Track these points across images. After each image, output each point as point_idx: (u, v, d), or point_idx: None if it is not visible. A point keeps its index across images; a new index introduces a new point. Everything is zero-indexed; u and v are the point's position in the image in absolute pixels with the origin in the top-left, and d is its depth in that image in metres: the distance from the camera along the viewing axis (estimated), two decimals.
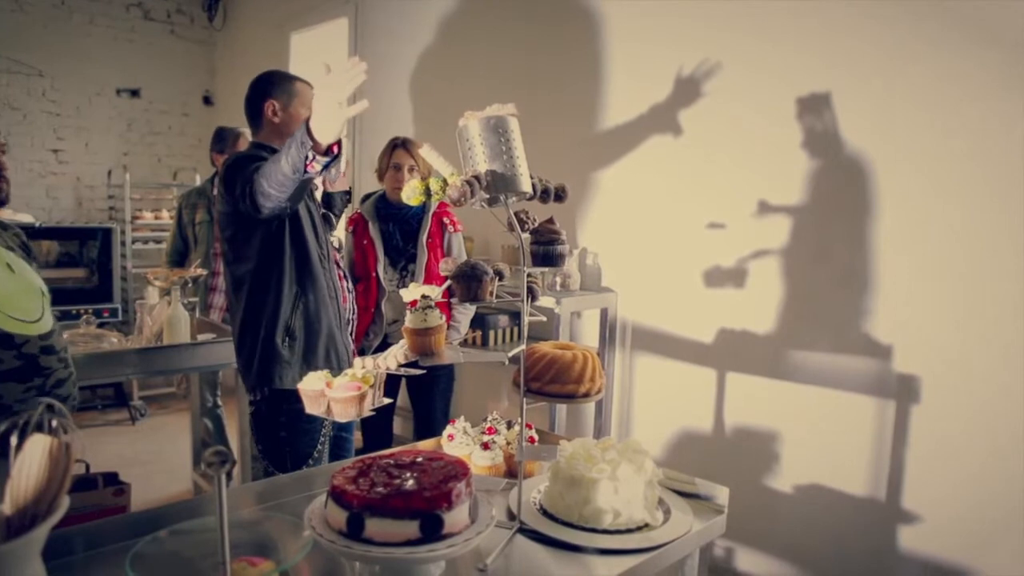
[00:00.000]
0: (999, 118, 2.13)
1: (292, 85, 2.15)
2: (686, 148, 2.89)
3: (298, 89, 2.16)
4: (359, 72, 1.45)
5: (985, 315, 2.19)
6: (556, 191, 1.31)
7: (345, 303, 2.23)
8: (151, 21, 5.97)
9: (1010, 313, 2.14)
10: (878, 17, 2.35)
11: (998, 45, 2.12)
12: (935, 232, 2.28)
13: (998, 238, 2.16)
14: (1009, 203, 2.13)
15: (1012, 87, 2.10)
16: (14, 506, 0.83)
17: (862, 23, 2.39)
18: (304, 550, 0.93)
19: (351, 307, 2.32)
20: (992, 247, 2.17)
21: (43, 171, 5.57)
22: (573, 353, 1.29)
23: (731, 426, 2.82)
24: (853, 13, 2.41)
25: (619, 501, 1.32)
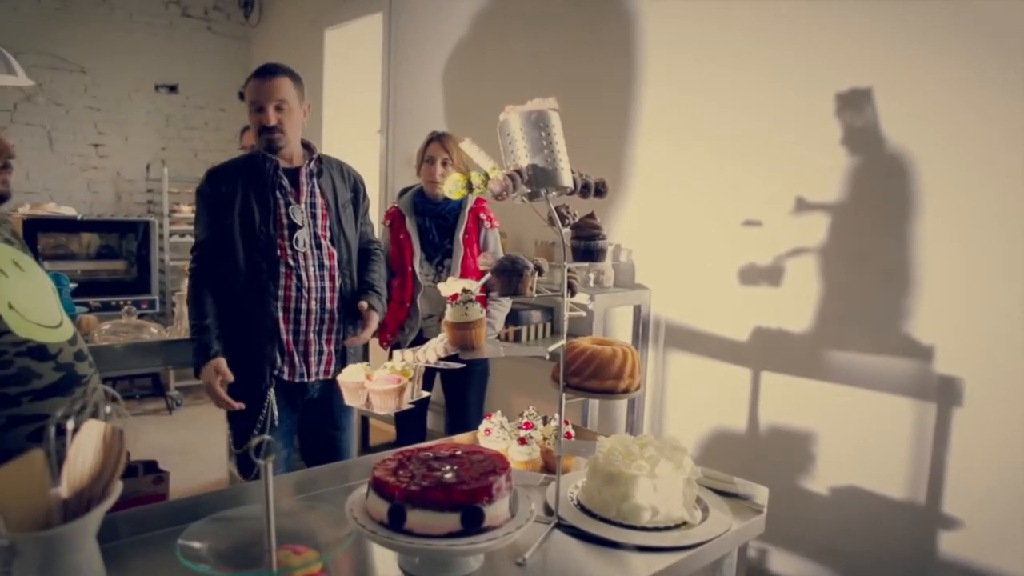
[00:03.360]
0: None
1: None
2: (722, 145, 2.86)
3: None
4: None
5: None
6: (596, 186, 1.31)
7: (330, 302, 2.25)
8: (188, 18, 6.05)
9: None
10: (919, 11, 2.31)
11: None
12: (980, 230, 2.23)
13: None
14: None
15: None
16: (71, 489, 0.85)
17: (903, 17, 2.34)
18: (347, 541, 0.94)
19: (332, 306, 2.26)
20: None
21: (84, 165, 5.69)
22: (612, 349, 1.29)
23: (765, 426, 2.79)
24: (894, 7, 2.36)
25: (658, 498, 1.31)
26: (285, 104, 2.16)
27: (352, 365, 1.37)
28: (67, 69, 5.51)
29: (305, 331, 2.21)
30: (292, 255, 2.18)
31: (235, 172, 2.23)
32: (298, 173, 2.23)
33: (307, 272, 2.20)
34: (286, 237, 2.17)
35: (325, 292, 2.23)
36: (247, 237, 2.15)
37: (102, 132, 5.75)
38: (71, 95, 5.55)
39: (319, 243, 2.23)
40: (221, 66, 6.21)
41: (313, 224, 2.22)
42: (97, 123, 5.72)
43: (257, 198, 2.17)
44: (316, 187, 2.26)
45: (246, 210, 2.16)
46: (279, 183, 2.20)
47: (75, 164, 5.63)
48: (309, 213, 2.22)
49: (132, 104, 5.84)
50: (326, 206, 2.26)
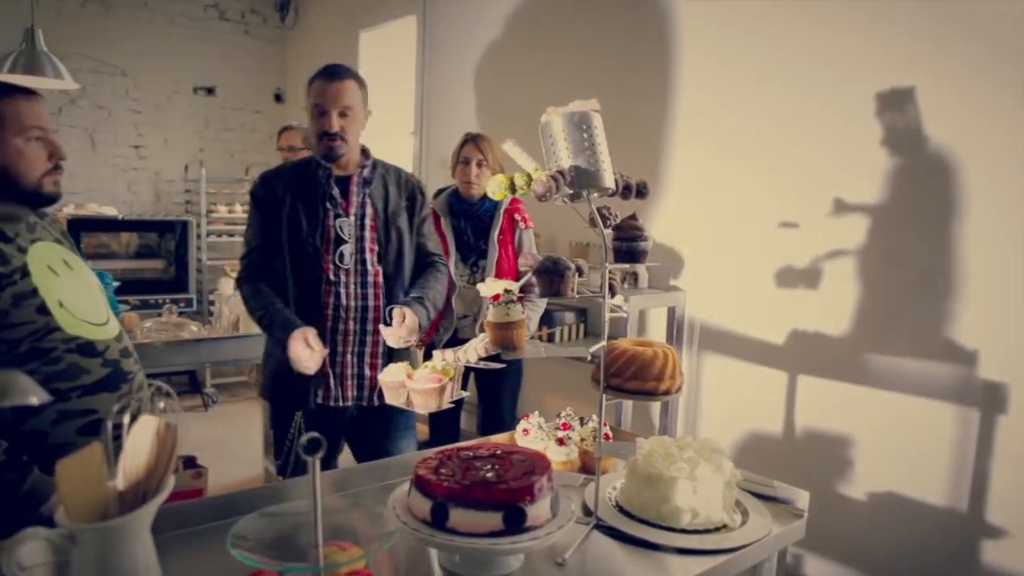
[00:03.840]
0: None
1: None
2: (758, 145, 2.83)
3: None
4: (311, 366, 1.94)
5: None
6: (638, 187, 1.30)
7: (373, 323, 2.08)
8: (226, 21, 6.15)
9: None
10: (962, 8, 2.26)
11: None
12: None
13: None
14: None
15: None
16: (127, 482, 0.88)
17: (946, 14, 2.30)
18: (391, 538, 0.95)
19: (375, 327, 2.08)
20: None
21: (125, 166, 5.81)
22: (653, 350, 1.29)
23: (802, 429, 2.76)
24: (936, 5, 2.32)
25: (697, 501, 1.31)
26: (350, 110, 2.03)
27: (393, 364, 1.38)
28: (109, 72, 5.63)
29: (342, 352, 2.06)
30: (334, 270, 2.04)
31: (287, 178, 2.11)
32: (349, 182, 2.09)
33: (347, 289, 2.05)
34: (331, 251, 2.04)
35: (367, 312, 2.07)
36: (293, 248, 2.04)
37: (142, 134, 5.87)
38: (113, 98, 5.68)
39: (364, 258, 2.07)
40: (257, 69, 6.31)
41: (360, 238, 2.07)
42: (137, 125, 5.84)
43: (306, 208, 2.05)
44: (367, 196, 2.10)
45: (293, 219, 2.05)
46: (329, 193, 2.06)
47: (116, 165, 5.76)
48: (357, 225, 2.07)
49: (171, 106, 5.95)
50: (375, 217, 2.10)
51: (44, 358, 1.59)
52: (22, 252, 1.61)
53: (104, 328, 1.73)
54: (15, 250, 1.59)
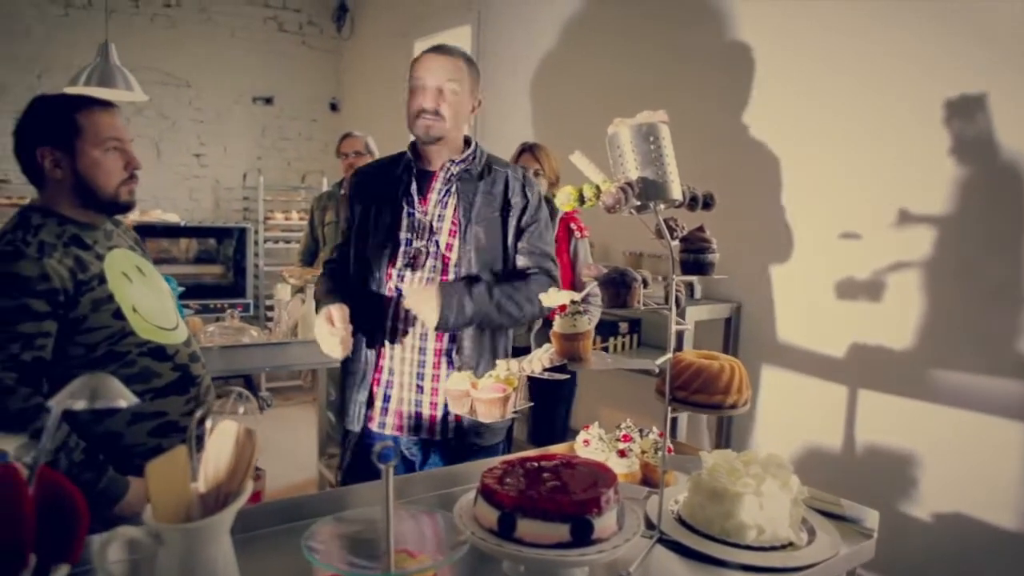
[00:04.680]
0: None
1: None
2: (818, 155, 2.78)
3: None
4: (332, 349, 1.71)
5: None
6: (704, 198, 1.30)
7: (436, 354, 1.82)
8: (285, 33, 6.31)
9: None
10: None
11: None
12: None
13: None
14: None
15: None
16: (207, 485, 0.90)
17: (1019, 17, 2.23)
18: (462, 548, 0.96)
19: (436, 357, 1.81)
20: None
21: (187, 174, 6.00)
22: (720, 363, 1.27)
23: (862, 446, 2.69)
24: (1009, 6, 2.25)
25: (763, 517, 1.28)
26: (453, 91, 1.77)
27: (457, 373, 1.39)
28: (174, 84, 5.82)
29: (398, 373, 1.81)
30: (398, 276, 1.80)
31: (376, 172, 1.92)
32: (433, 177, 1.82)
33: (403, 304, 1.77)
34: (399, 254, 1.80)
35: (427, 339, 1.79)
36: (361, 246, 1.83)
37: (203, 143, 6.06)
38: (177, 108, 5.87)
39: (434, 265, 1.79)
40: (314, 79, 6.44)
41: (435, 242, 1.80)
42: (199, 134, 6.03)
43: (381, 204, 1.82)
44: (449, 195, 1.81)
45: (367, 216, 1.84)
46: (407, 187, 1.82)
47: (179, 173, 5.95)
48: (433, 226, 1.81)
49: (231, 116, 6.13)
50: (456, 219, 1.79)
51: (119, 361, 1.65)
52: (99, 259, 1.67)
53: (174, 333, 1.79)
54: (93, 257, 1.66)
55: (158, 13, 5.74)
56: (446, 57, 1.80)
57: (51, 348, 1.57)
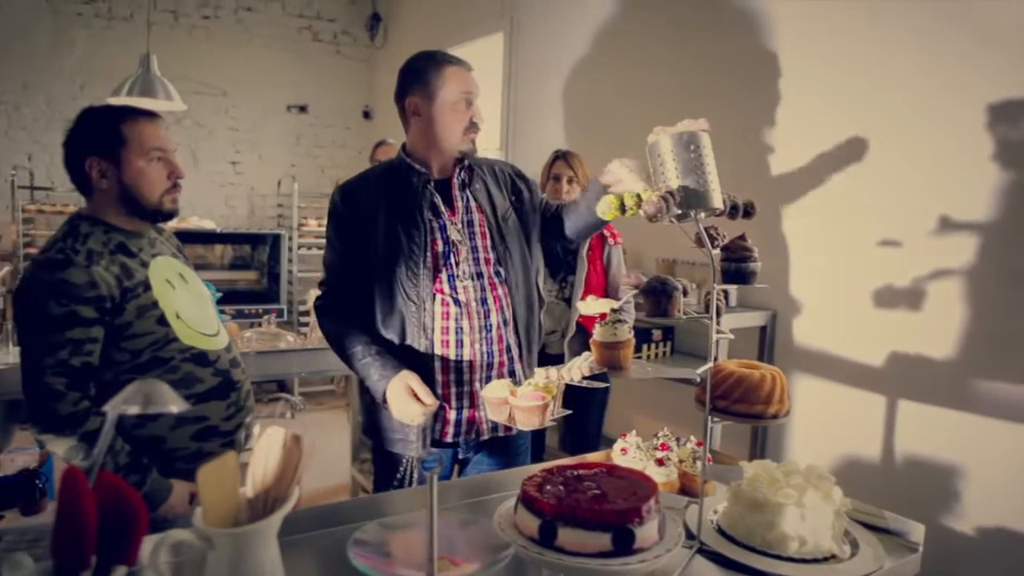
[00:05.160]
0: None
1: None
2: (856, 161, 2.74)
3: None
4: (419, 417, 1.67)
5: None
6: (745, 207, 1.29)
7: (500, 352, 1.85)
8: (319, 42, 6.40)
9: None
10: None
11: None
12: None
13: None
14: None
15: None
16: (255, 491, 0.92)
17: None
18: (506, 558, 0.96)
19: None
20: None
21: (223, 181, 6.11)
22: (761, 373, 1.26)
23: (902, 457, 2.64)
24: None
25: (806, 528, 1.27)
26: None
27: (496, 380, 1.40)
28: (211, 93, 5.94)
29: (469, 381, 1.80)
30: (450, 288, 1.78)
31: (375, 186, 1.84)
32: (450, 186, 1.83)
33: (468, 308, 1.78)
34: (442, 267, 1.78)
35: (491, 331, 1.81)
36: (392, 268, 1.77)
37: (239, 150, 6.16)
38: (213, 116, 5.99)
39: (480, 271, 1.80)
40: (347, 87, 6.53)
41: (473, 247, 1.81)
42: (235, 142, 6.14)
43: (404, 219, 1.77)
44: (470, 200, 1.84)
45: (391, 235, 1.77)
46: (431, 200, 1.80)
47: (215, 180, 6.06)
48: (467, 233, 1.81)
49: (266, 124, 6.23)
50: (483, 222, 1.83)
51: (163, 367, 1.69)
52: (144, 266, 1.71)
53: (216, 339, 1.82)
54: (138, 264, 1.70)
55: (196, 25, 5.86)
56: (472, 71, 1.84)
57: (98, 353, 1.61)
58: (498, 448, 1.89)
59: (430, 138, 1.80)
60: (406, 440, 1.79)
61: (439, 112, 1.77)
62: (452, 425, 1.80)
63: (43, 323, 1.53)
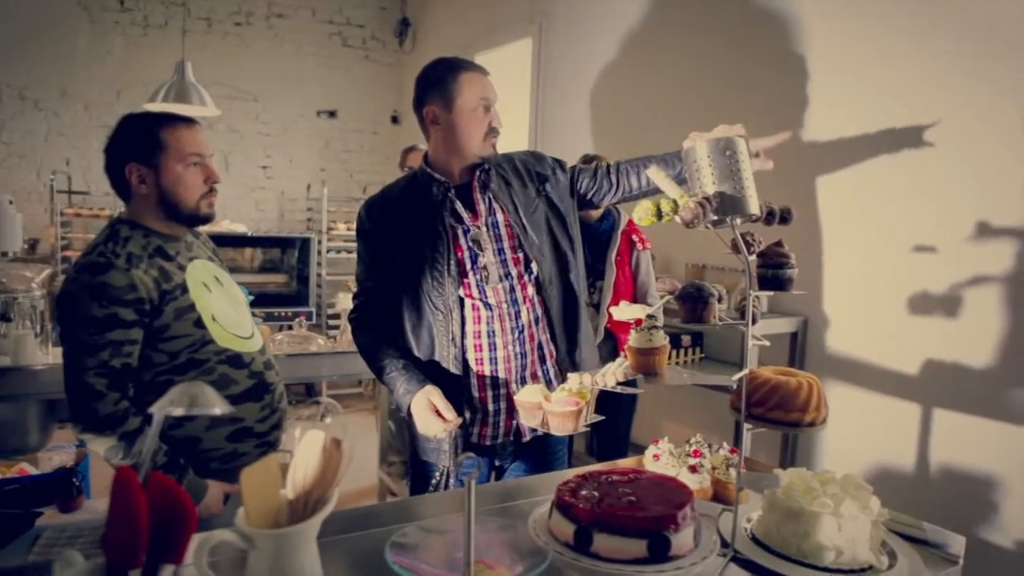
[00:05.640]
0: None
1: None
2: (890, 166, 2.71)
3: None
4: (441, 433, 1.70)
5: None
6: (781, 213, 1.28)
7: (531, 352, 1.84)
8: (348, 48, 6.47)
9: None
10: None
11: None
12: None
13: None
14: None
15: None
16: (295, 492, 0.93)
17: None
18: (543, 564, 0.96)
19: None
20: None
21: (253, 185, 6.19)
22: (798, 380, 1.25)
23: (937, 467, 2.59)
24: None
25: (842, 539, 1.25)
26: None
27: (529, 385, 1.40)
28: (242, 99, 6.03)
29: (506, 383, 1.80)
30: (479, 293, 1.78)
31: (396, 200, 1.87)
32: (470, 189, 1.82)
33: (500, 310, 1.79)
34: (470, 272, 1.78)
35: (523, 332, 1.81)
36: (418, 278, 1.78)
37: (269, 155, 6.24)
38: (245, 122, 6.07)
39: (508, 272, 1.80)
40: (376, 92, 6.58)
41: (500, 250, 1.81)
42: (265, 147, 6.22)
43: (426, 229, 1.79)
44: (492, 201, 1.83)
45: (414, 246, 1.79)
46: (452, 207, 1.80)
47: (246, 185, 6.14)
48: (492, 236, 1.80)
49: (296, 129, 6.30)
50: (508, 222, 1.82)
51: (199, 368, 1.72)
52: (181, 270, 1.74)
53: (250, 341, 1.85)
54: (176, 268, 1.73)
55: (229, 31, 5.96)
56: (489, 76, 1.83)
57: (137, 355, 1.64)
58: (536, 455, 1.89)
59: (450, 145, 1.80)
60: (440, 449, 1.81)
61: (458, 119, 1.76)
62: (491, 427, 1.81)
63: (85, 325, 1.57)
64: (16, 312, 2.52)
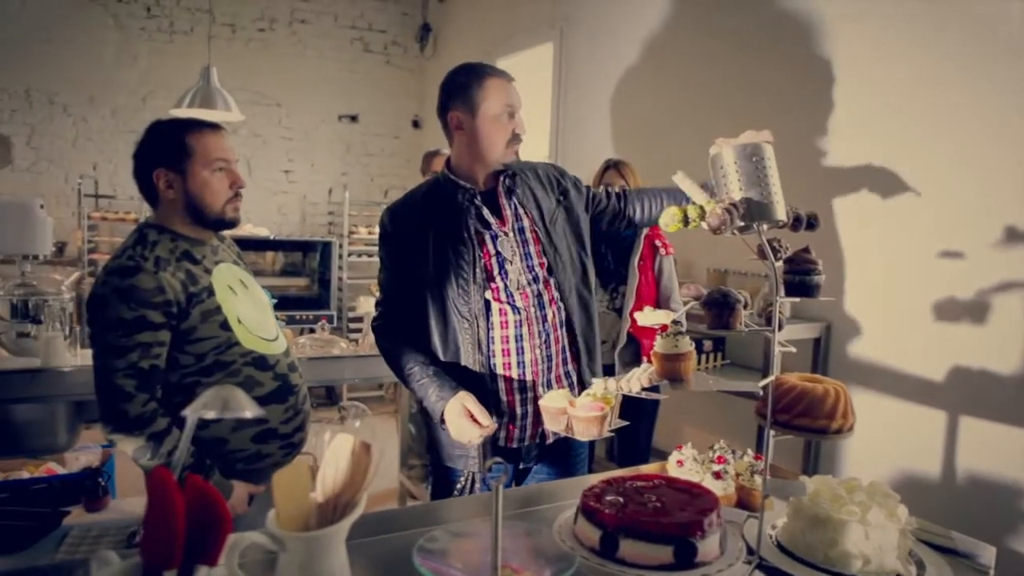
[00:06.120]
0: None
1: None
2: (916, 169, 2.68)
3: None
4: (477, 439, 1.68)
5: None
6: (808, 219, 1.27)
7: (557, 355, 1.84)
8: (370, 53, 6.51)
9: None
10: None
11: None
12: None
13: None
14: None
15: None
16: (324, 496, 0.94)
17: None
18: (570, 570, 0.97)
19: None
20: None
21: (276, 190, 6.25)
22: (824, 387, 1.24)
23: (964, 476, 2.56)
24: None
25: (870, 547, 1.24)
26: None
27: (554, 391, 1.40)
28: (266, 104, 6.09)
29: (532, 385, 1.79)
30: (506, 297, 1.77)
31: (420, 205, 1.86)
32: (495, 195, 1.82)
33: (527, 314, 1.78)
34: (496, 277, 1.78)
35: (549, 336, 1.81)
36: (444, 284, 1.78)
37: (291, 159, 6.30)
38: (268, 126, 6.14)
39: (535, 276, 1.80)
40: (397, 97, 6.63)
41: (526, 255, 1.81)
42: (288, 151, 6.28)
43: (452, 235, 1.78)
44: (517, 207, 1.83)
45: (440, 252, 1.78)
46: (478, 212, 1.80)
47: (268, 189, 6.20)
48: (518, 241, 1.80)
49: (318, 133, 6.36)
50: (533, 227, 1.82)
51: (225, 370, 1.74)
52: (208, 273, 1.76)
53: (275, 343, 1.87)
54: (202, 271, 1.75)
55: (252, 38, 6.02)
56: (514, 82, 1.82)
57: (165, 356, 1.66)
58: (559, 457, 1.90)
59: (474, 151, 1.79)
60: (467, 456, 1.80)
61: (482, 125, 1.76)
62: (518, 430, 1.81)
63: (114, 327, 1.59)
64: (46, 314, 2.57)
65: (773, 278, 1.19)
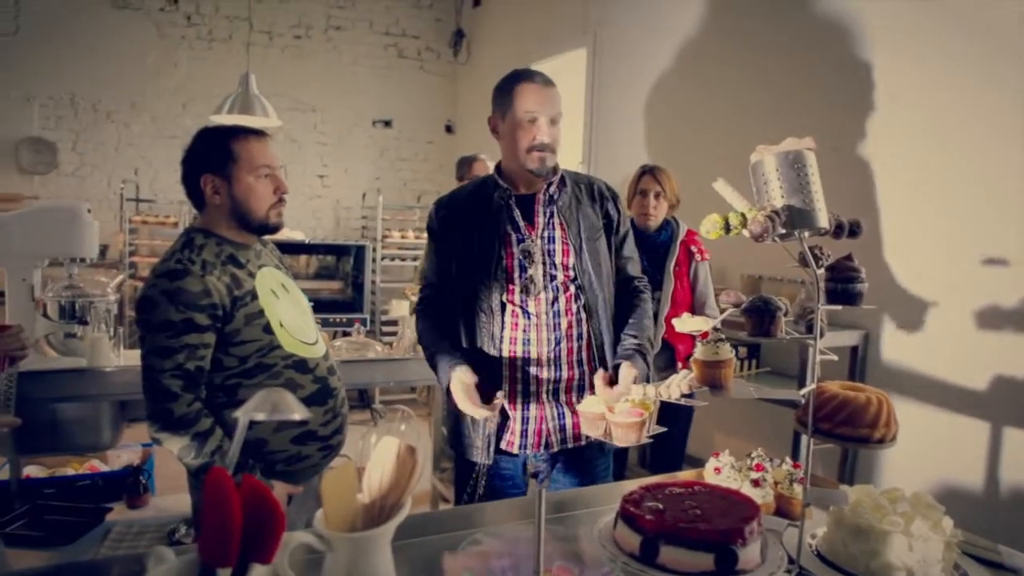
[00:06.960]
0: None
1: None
2: (957, 174, 2.64)
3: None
4: (486, 417, 1.73)
5: None
6: (851, 226, 1.27)
7: (569, 367, 1.85)
8: (404, 59, 6.58)
9: None
10: None
11: None
12: None
13: None
14: None
15: None
16: (370, 497, 0.96)
17: None
18: (614, 571, 0.97)
19: (569, 363, 1.84)
20: None
21: (311, 194, 6.33)
22: (867, 396, 1.23)
23: (1008, 488, 2.50)
24: None
25: (913, 559, 1.22)
26: (559, 119, 1.81)
27: (591, 396, 1.41)
28: (301, 109, 6.18)
29: (535, 394, 1.82)
30: (521, 301, 1.80)
31: (463, 202, 1.91)
32: (535, 201, 1.84)
33: (538, 320, 1.80)
34: (516, 280, 1.81)
35: (561, 347, 1.82)
36: (469, 279, 1.83)
37: (326, 164, 6.39)
38: (303, 132, 6.23)
39: (556, 286, 1.81)
40: (430, 102, 6.68)
41: (551, 264, 1.82)
42: (322, 156, 6.36)
43: (483, 234, 1.83)
44: (554, 216, 1.84)
45: (468, 248, 1.84)
46: (510, 215, 1.83)
47: (304, 193, 6.29)
48: (546, 250, 1.82)
49: (352, 138, 6.44)
50: (566, 239, 1.83)
51: (267, 372, 1.77)
52: (251, 277, 1.80)
53: (315, 347, 1.90)
54: (246, 275, 1.78)
55: (289, 44, 6.12)
56: (551, 88, 1.81)
57: (209, 358, 1.70)
58: (576, 467, 1.88)
59: (507, 154, 1.85)
60: (473, 446, 1.86)
61: (508, 130, 1.81)
62: (518, 436, 1.83)
63: (163, 328, 1.63)
64: (92, 316, 2.63)
65: (815, 286, 1.19)
